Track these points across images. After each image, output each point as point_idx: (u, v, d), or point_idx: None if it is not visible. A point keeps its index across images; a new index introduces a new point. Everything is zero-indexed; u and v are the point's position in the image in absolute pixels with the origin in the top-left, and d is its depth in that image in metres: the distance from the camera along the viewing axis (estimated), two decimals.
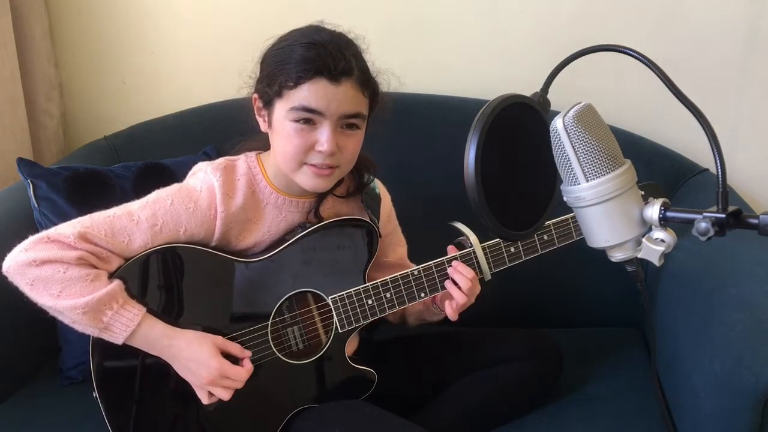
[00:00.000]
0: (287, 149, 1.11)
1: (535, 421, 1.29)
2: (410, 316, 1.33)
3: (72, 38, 1.82)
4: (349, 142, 1.13)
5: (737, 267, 1.24)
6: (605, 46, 0.70)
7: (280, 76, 1.09)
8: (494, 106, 0.69)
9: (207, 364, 1.08)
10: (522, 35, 1.69)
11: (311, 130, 1.10)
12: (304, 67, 1.07)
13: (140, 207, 1.12)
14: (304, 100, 1.08)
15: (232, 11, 1.76)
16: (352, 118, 1.11)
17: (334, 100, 1.08)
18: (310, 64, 1.07)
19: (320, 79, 1.07)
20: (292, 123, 1.09)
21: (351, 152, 1.14)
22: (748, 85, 1.64)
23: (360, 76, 1.10)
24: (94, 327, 1.05)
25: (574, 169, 0.69)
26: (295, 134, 1.10)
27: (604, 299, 1.62)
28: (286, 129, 1.10)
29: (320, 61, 1.06)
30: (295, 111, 1.08)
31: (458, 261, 1.21)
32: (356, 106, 1.11)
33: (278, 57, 1.11)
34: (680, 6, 1.61)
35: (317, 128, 1.10)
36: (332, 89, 1.07)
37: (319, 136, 1.10)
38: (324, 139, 1.09)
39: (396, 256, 1.34)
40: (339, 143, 1.11)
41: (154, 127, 1.73)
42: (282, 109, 1.10)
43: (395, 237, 1.35)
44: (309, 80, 1.07)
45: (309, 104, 1.08)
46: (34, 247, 1.05)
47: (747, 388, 0.99)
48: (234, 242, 1.18)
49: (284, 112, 1.10)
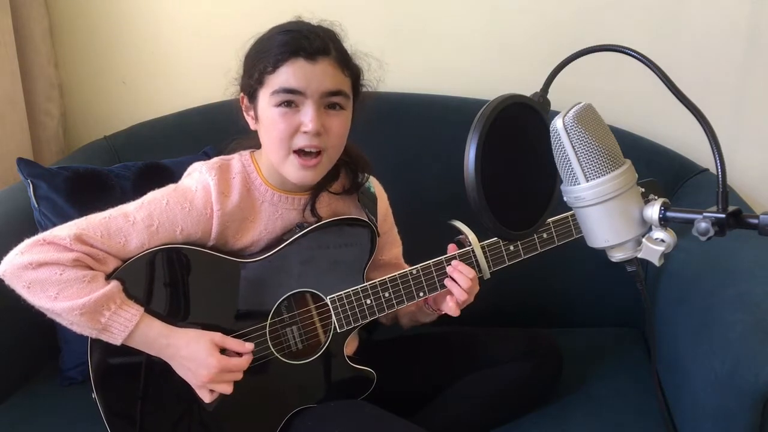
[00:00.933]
0: (273, 136, 1.12)
1: (535, 421, 1.29)
2: (403, 317, 1.33)
3: (72, 38, 1.82)
4: (333, 123, 1.12)
5: (737, 267, 1.23)
6: (605, 46, 0.70)
7: (260, 64, 1.11)
8: (494, 106, 0.69)
9: (206, 363, 1.08)
10: (522, 35, 1.69)
11: (294, 112, 1.10)
12: (281, 50, 1.09)
13: (136, 208, 1.12)
14: (284, 81, 1.09)
15: (232, 11, 1.76)
16: (334, 96, 1.12)
17: (313, 79, 1.09)
18: (286, 46, 1.09)
19: (297, 59, 1.09)
20: (276, 108, 1.10)
21: (337, 134, 1.13)
22: (748, 85, 1.64)
23: (337, 55, 1.12)
24: (92, 328, 1.05)
25: (574, 169, 0.69)
26: (279, 119, 1.10)
27: (604, 299, 1.62)
28: (270, 116, 1.11)
29: (295, 42, 1.09)
30: (276, 95, 1.10)
31: (458, 260, 1.21)
32: (337, 84, 1.12)
33: (257, 48, 1.14)
34: (680, 6, 1.61)
35: (300, 110, 1.10)
36: (310, 67, 1.09)
37: (302, 118, 1.10)
38: (308, 119, 1.09)
39: (390, 255, 1.34)
40: (324, 124, 1.11)
41: (154, 127, 1.73)
42: (265, 97, 1.12)
43: (391, 236, 1.35)
44: (286, 62, 1.09)
45: (289, 85, 1.09)
46: (30, 249, 1.05)
47: (747, 388, 0.99)
48: (231, 241, 1.18)
49: (267, 98, 1.11)
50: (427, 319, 1.29)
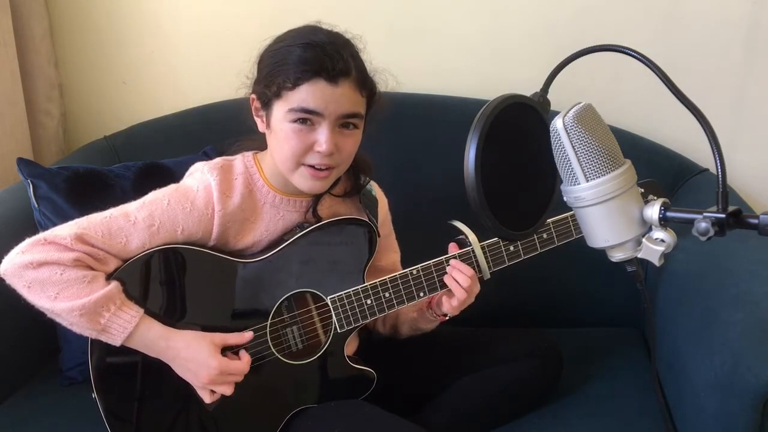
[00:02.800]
0: (285, 150, 1.11)
1: (536, 421, 1.29)
2: (403, 325, 1.32)
3: (72, 38, 1.82)
4: (346, 142, 1.13)
5: (737, 267, 1.23)
6: (605, 46, 0.70)
7: (278, 77, 1.09)
8: (494, 106, 0.69)
9: (206, 365, 1.08)
10: (522, 35, 1.69)
11: (309, 130, 1.10)
12: (302, 68, 1.07)
13: (137, 208, 1.12)
14: (303, 101, 1.08)
15: (232, 11, 1.76)
16: (350, 117, 1.11)
17: (332, 101, 1.08)
18: (308, 65, 1.07)
19: (318, 80, 1.07)
20: (291, 124, 1.10)
21: (348, 152, 1.14)
22: (748, 85, 1.64)
23: (357, 76, 1.10)
24: (92, 329, 1.05)
25: (574, 169, 0.69)
26: (293, 135, 1.10)
27: (604, 299, 1.62)
28: (284, 130, 1.10)
29: (318, 62, 1.07)
30: (293, 112, 1.09)
31: (457, 260, 1.21)
32: (354, 106, 1.11)
33: (276, 58, 1.11)
34: (680, 6, 1.61)
35: (315, 129, 1.10)
36: (330, 90, 1.08)
37: (317, 137, 1.10)
38: (323, 139, 1.09)
39: (388, 261, 1.33)
40: (337, 143, 1.11)
41: (154, 127, 1.73)
42: (280, 110, 1.10)
43: (389, 242, 1.35)
44: (307, 81, 1.07)
45: (307, 105, 1.08)
46: (30, 249, 1.05)
47: (747, 388, 0.99)
48: (232, 242, 1.18)
49: (283, 113, 1.10)
50: (428, 325, 1.28)
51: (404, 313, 1.30)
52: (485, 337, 1.36)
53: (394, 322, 1.33)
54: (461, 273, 1.19)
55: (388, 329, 1.35)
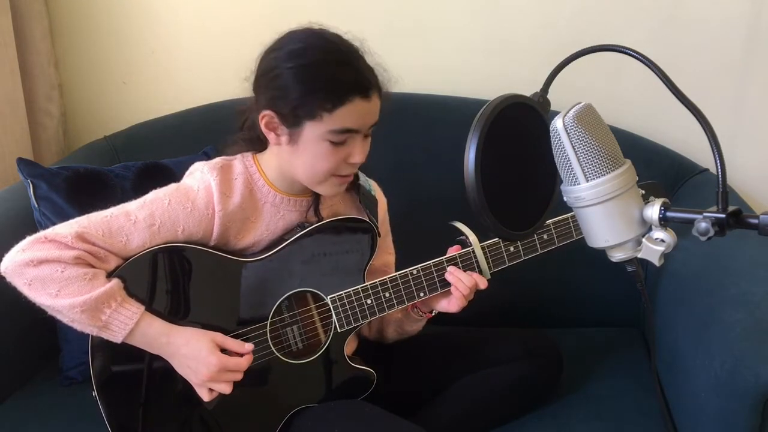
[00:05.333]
0: (319, 167, 1.13)
1: (536, 421, 1.29)
2: (388, 327, 1.32)
3: (72, 38, 1.82)
4: (367, 147, 1.15)
5: (737, 267, 1.24)
6: (605, 46, 0.70)
7: (314, 99, 1.08)
8: (494, 106, 0.69)
9: (206, 361, 1.08)
10: (522, 35, 1.69)
11: (344, 146, 1.12)
12: (341, 90, 1.07)
13: (138, 207, 1.12)
14: (344, 122, 1.09)
15: (232, 11, 1.76)
16: (375, 125, 1.14)
17: (367, 115, 1.11)
18: (348, 86, 1.08)
19: (357, 99, 1.08)
20: (327, 143, 1.10)
21: (366, 155, 1.16)
22: (748, 85, 1.64)
23: (379, 83, 1.12)
24: (93, 325, 1.05)
25: (574, 169, 0.69)
26: (331, 153, 1.11)
27: (604, 299, 1.62)
28: (320, 148, 1.11)
29: (354, 82, 1.08)
30: (334, 134, 1.09)
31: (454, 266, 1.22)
32: (378, 114, 1.14)
33: (304, 77, 1.09)
34: (680, 6, 1.61)
35: (348, 143, 1.12)
36: (366, 106, 1.10)
37: (351, 150, 1.12)
38: (358, 152, 1.12)
39: (381, 262, 1.33)
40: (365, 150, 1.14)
41: (154, 127, 1.73)
42: (316, 131, 1.10)
43: (385, 243, 1.35)
44: (347, 103, 1.08)
45: (350, 126, 1.09)
46: (31, 247, 1.05)
47: (747, 388, 0.99)
48: (233, 241, 1.18)
49: (319, 133, 1.10)
50: (414, 326, 1.29)
51: (390, 315, 1.30)
52: (485, 337, 1.36)
53: (379, 326, 1.34)
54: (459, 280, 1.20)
55: (373, 333, 1.35)
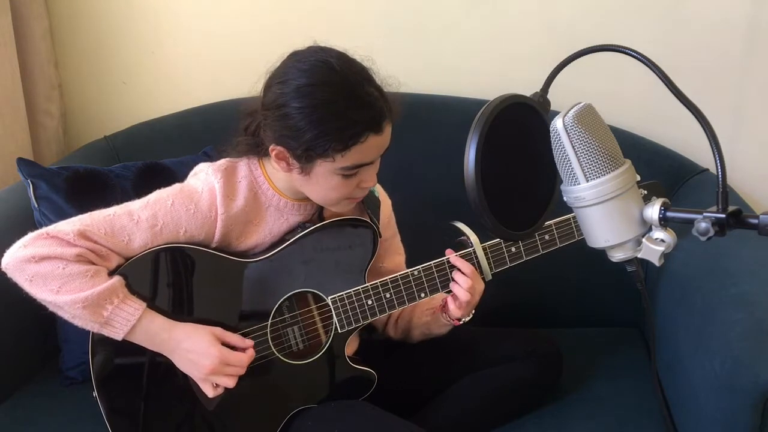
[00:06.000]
0: (331, 195, 1.13)
1: (536, 421, 1.29)
2: (415, 329, 1.32)
3: (72, 38, 1.82)
4: (377, 167, 1.15)
5: (737, 267, 1.24)
6: (605, 46, 0.70)
7: (326, 141, 1.05)
8: (494, 106, 0.69)
9: (207, 353, 1.08)
10: (522, 36, 1.69)
11: (356, 176, 1.12)
12: (353, 131, 1.05)
13: (141, 207, 1.12)
14: (358, 159, 1.08)
15: (232, 12, 1.76)
16: None
17: (380, 148, 1.11)
18: (359, 127, 1.05)
19: (370, 136, 1.07)
20: (341, 177, 1.10)
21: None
22: (748, 85, 1.64)
23: (387, 108, 1.09)
24: (95, 322, 1.06)
25: (574, 169, 0.69)
26: (344, 184, 1.11)
27: (605, 299, 1.62)
28: (332, 181, 1.11)
29: (367, 120, 1.06)
30: (347, 170, 1.09)
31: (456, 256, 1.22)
32: (389, 139, 1.12)
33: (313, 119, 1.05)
34: (680, 6, 1.61)
35: (361, 171, 1.11)
36: (379, 140, 1.09)
37: (363, 176, 1.12)
38: (370, 178, 1.13)
39: (393, 264, 1.33)
40: None
41: (154, 127, 1.73)
42: (328, 167, 1.08)
43: (394, 243, 1.35)
44: (360, 142, 1.06)
45: (363, 161, 1.09)
46: (33, 243, 1.05)
47: (747, 388, 0.99)
48: (235, 244, 1.18)
49: (332, 169, 1.08)
50: (441, 330, 1.28)
51: (417, 317, 1.30)
52: (485, 337, 1.36)
53: (406, 326, 1.33)
54: (459, 272, 1.19)
55: (399, 334, 1.34)
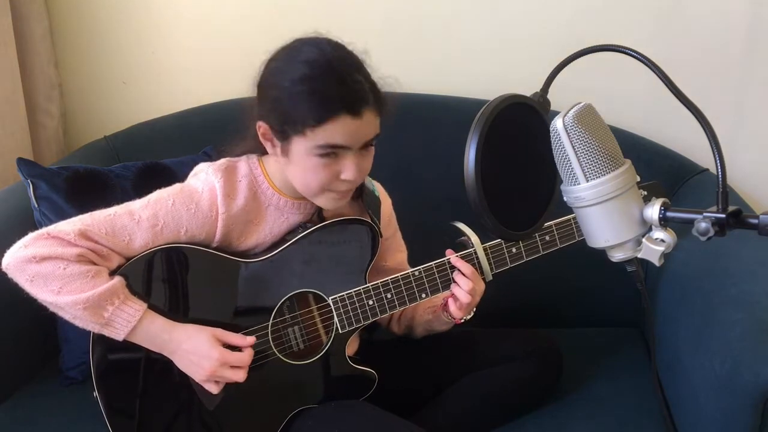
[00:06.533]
0: (310, 182, 1.11)
1: (536, 421, 1.29)
2: (418, 326, 1.32)
3: (72, 38, 1.82)
4: (367, 161, 1.13)
5: (737, 267, 1.24)
6: (605, 46, 0.70)
7: (299, 114, 1.06)
8: (494, 106, 0.69)
9: (208, 355, 1.08)
10: (522, 35, 1.69)
11: (335, 161, 1.09)
12: (325, 106, 1.04)
13: (141, 206, 1.12)
14: (329, 138, 1.06)
15: (233, 12, 1.76)
16: (372, 140, 1.12)
17: (357, 133, 1.08)
18: (331, 103, 1.04)
19: (343, 116, 1.05)
20: (317, 158, 1.08)
21: (368, 169, 1.15)
22: (748, 85, 1.64)
23: (374, 98, 1.09)
24: (96, 322, 1.05)
25: (574, 169, 0.69)
26: (320, 169, 1.09)
27: (605, 299, 1.62)
28: (309, 163, 1.09)
29: (340, 98, 1.04)
30: (320, 148, 1.07)
31: (457, 257, 1.22)
32: (375, 129, 1.11)
33: (292, 91, 1.07)
34: (680, 6, 1.62)
35: (340, 159, 1.09)
36: (355, 123, 1.06)
37: (343, 167, 1.10)
38: (350, 170, 1.09)
39: (395, 262, 1.33)
40: (359, 165, 1.11)
41: (154, 127, 1.73)
42: (303, 145, 1.08)
43: (395, 241, 1.35)
44: (331, 119, 1.05)
45: (335, 141, 1.07)
46: (33, 243, 1.05)
47: (747, 388, 0.99)
48: (235, 243, 1.18)
49: (306, 148, 1.08)
50: (443, 327, 1.28)
51: (419, 315, 1.30)
52: (485, 337, 1.36)
53: (409, 323, 1.33)
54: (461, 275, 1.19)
55: (403, 330, 1.35)
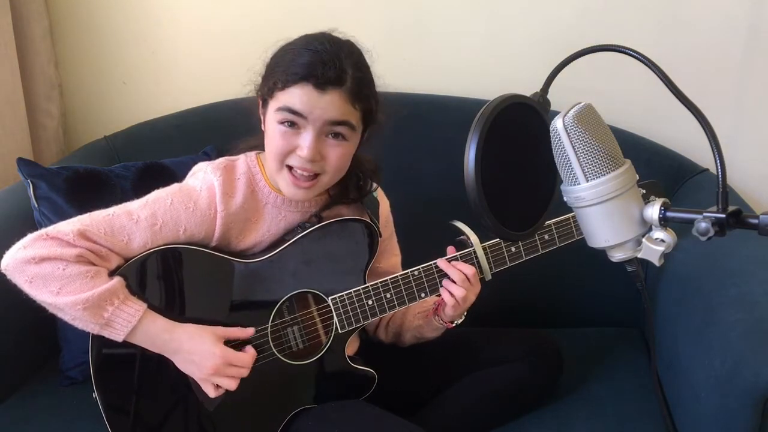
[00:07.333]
0: (271, 148, 1.13)
1: (536, 421, 1.29)
2: (407, 333, 1.31)
3: (72, 38, 1.82)
4: (332, 152, 1.12)
5: (737, 267, 1.24)
6: (605, 46, 0.70)
7: (273, 77, 1.11)
8: (494, 106, 0.69)
9: (210, 353, 1.08)
10: (522, 35, 1.69)
11: (295, 133, 1.11)
12: (293, 71, 1.08)
13: (140, 206, 1.12)
14: (289, 102, 1.09)
15: (233, 12, 1.76)
16: (338, 125, 1.10)
17: (318, 107, 1.08)
18: (299, 69, 1.08)
19: (306, 85, 1.08)
20: (278, 125, 1.11)
21: (335, 163, 1.13)
22: (748, 85, 1.64)
23: (351, 87, 1.09)
24: (95, 323, 1.05)
25: (574, 169, 0.69)
26: (279, 135, 1.11)
27: (605, 299, 1.62)
28: (272, 129, 1.12)
29: (309, 67, 1.08)
30: (280, 112, 1.10)
31: (458, 261, 1.21)
32: (342, 115, 1.10)
33: (277, 59, 1.14)
34: (680, 6, 1.61)
35: (300, 133, 1.10)
36: (317, 96, 1.08)
37: (300, 141, 1.10)
38: (305, 144, 1.10)
39: (389, 265, 1.33)
40: (322, 151, 1.11)
41: (154, 127, 1.73)
42: (271, 109, 1.12)
43: (390, 245, 1.35)
44: (295, 84, 1.08)
45: (293, 106, 1.08)
46: (32, 244, 1.05)
47: (747, 388, 0.99)
48: (234, 242, 1.18)
49: (272, 111, 1.12)
50: (433, 333, 1.28)
51: (409, 321, 1.30)
52: (485, 337, 1.36)
53: (397, 330, 1.33)
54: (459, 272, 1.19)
55: (390, 337, 1.34)
